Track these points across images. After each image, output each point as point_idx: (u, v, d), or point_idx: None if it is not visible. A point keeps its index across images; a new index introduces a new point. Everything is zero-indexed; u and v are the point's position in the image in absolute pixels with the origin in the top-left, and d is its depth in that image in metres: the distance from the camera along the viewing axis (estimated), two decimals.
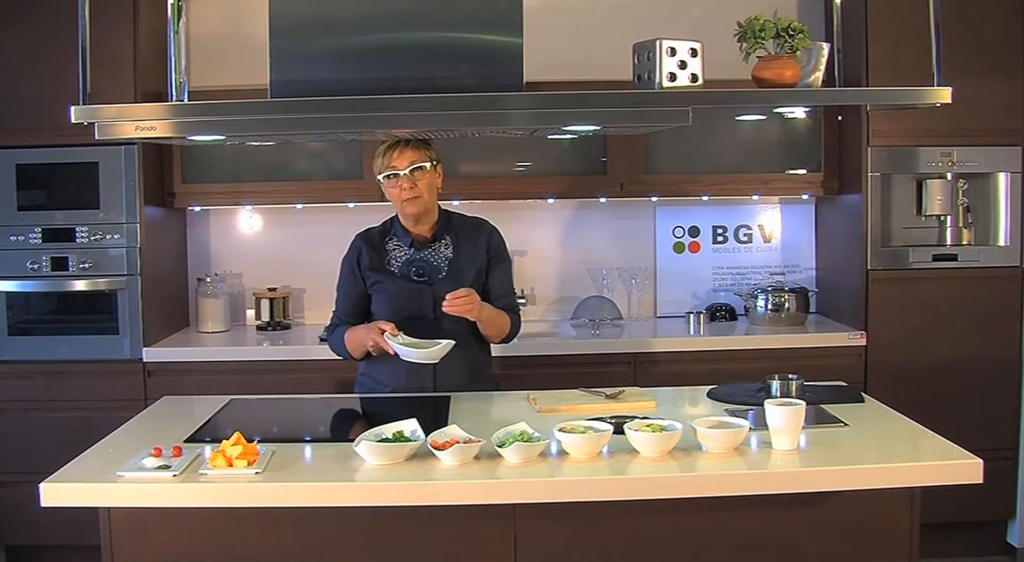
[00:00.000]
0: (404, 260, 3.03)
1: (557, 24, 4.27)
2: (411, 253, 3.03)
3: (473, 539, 2.31)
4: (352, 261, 3.05)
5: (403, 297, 2.98)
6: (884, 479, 2.25)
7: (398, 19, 2.62)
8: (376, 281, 3.01)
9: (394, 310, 2.96)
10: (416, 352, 2.79)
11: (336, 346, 3.06)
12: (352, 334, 2.97)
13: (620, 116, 2.62)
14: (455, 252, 3.04)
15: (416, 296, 2.98)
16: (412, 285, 2.99)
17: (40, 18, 3.82)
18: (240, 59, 3.90)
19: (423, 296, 2.98)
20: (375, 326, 2.86)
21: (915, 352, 3.98)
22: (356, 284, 3.04)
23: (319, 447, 2.48)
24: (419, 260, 3.02)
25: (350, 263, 3.06)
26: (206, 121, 2.57)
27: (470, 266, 3.03)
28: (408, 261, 3.02)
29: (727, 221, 4.54)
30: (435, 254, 3.04)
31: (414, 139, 2.92)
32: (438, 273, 3.01)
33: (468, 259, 3.04)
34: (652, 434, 2.29)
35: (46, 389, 3.91)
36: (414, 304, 2.97)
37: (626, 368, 3.89)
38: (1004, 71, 3.92)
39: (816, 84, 2.66)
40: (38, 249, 3.90)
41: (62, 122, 2.62)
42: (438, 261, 3.03)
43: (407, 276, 3.00)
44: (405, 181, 2.91)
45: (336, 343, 3.05)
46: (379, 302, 3.01)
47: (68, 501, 2.19)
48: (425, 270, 3.01)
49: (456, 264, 3.02)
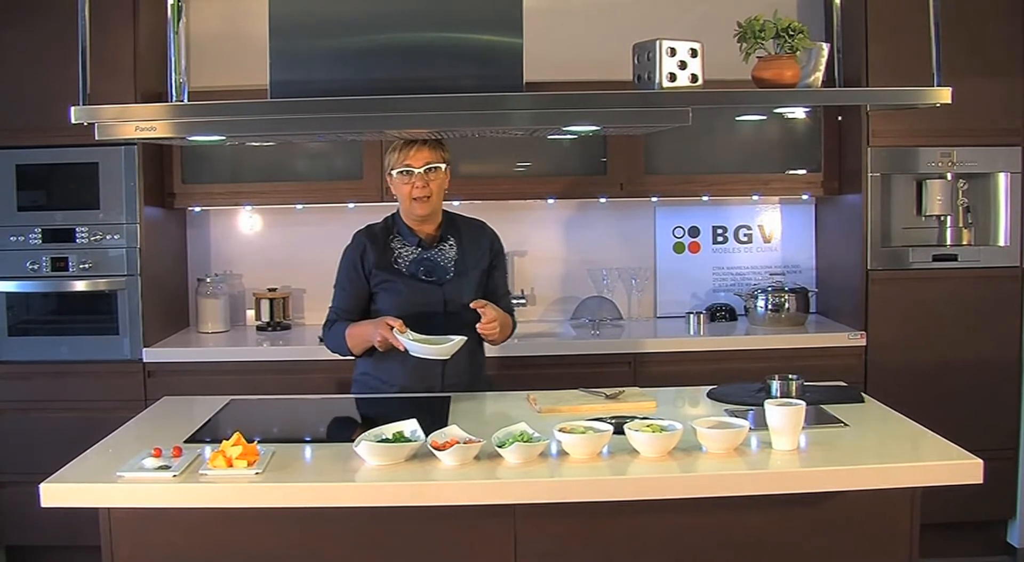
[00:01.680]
0: (412, 259, 3.02)
1: (557, 24, 4.27)
2: (418, 253, 3.02)
3: (473, 539, 2.31)
4: (355, 258, 3.03)
5: (413, 296, 2.97)
6: (884, 479, 2.25)
7: (398, 19, 2.62)
8: (384, 280, 2.99)
9: (404, 309, 2.93)
10: (429, 348, 2.78)
11: (335, 342, 3.03)
12: (355, 329, 2.96)
13: (620, 116, 2.62)
14: (459, 253, 3.05)
15: (426, 296, 2.98)
16: (422, 284, 2.99)
17: (40, 18, 3.82)
18: (240, 59, 3.90)
19: (433, 296, 2.98)
20: (383, 322, 2.84)
21: (915, 352, 3.98)
22: (358, 281, 3.02)
23: (319, 447, 2.48)
24: (426, 260, 3.02)
25: (352, 260, 3.04)
26: (206, 121, 2.57)
27: (475, 268, 3.05)
28: (416, 260, 3.01)
29: (727, 221, 4.54)
30: (441, 254, 3.04)
31: (431, 139, 2.93)
32: (446, 273, 3.01)
33: (473, 260, 3.05)
34: (652, 434, 2.29)
35: (46, 389, 3.91)
36: (424, 304, 2.96)
37: (626, 368, 3.89)
38: (1004, 71, 3.92)
39: (816, 84, 2.66)
40: (38, 249, 3.90)
41: (62, 122, 2.62)
42: (445, 261, 3.03)
43: (415, 275, 3.00)
44: (418, 179, 2.92)
45: (335, 339, 3.02)
46: (386, 300, 2.99)
47: (68, 501, 2.19)
48: (433, 270, 3.01)
49: (462, 265, 3.03)
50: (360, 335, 2.95)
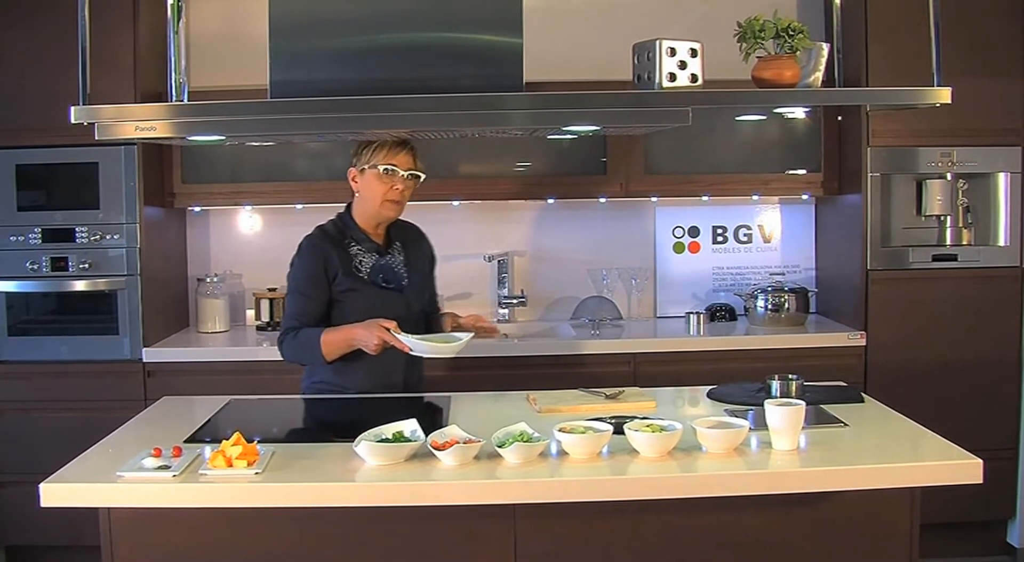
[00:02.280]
0: (371, 266, 2.99)
1: (557, 24, 4.27)
2: (375, 259, 3.00)
3: (473, 539, 2.31)
4: (317, 265, 2.93)
5: (378, 303, 2.93)
6: (884, 479, 2.25)
7: (398, 19, 2.62)
8: (348, 287, 2.94)
9: (369, 316, 2.85)
10: (441, 347, 2.78)
11: (301, 350, 2.92)
12: (333, 335, 2.87)
13: (620, 116, 2.62)
14: (406, 258, 3.07)
15: (388, 302, 2.95)
16: (384, 291, 2.98)
17: (40, 18, 3.82)
18: (240, 59, 3.90)
19: (396, 302, 2.97)
20: (377, 323, 2.79)
21: (915, 352, 3.98)
22: (322, 288, 2.94)
23: (319, 447, 2.47)
24: (384, 266, 3.00)
25: (314, 267, 2.93)
26: (206, 121, 2.57)
27: (420, 272, 3.11)
28: (375, 267, 2.99)
29: (727, 221, 4.54)
30: (394, 260, 3.04)
31: (414, 146, 2.95)
32: (401, 279, 3.02)
33: (418, 265, 3.10)
34: (652, 434, 2.29)
35: (46, 389, 3.91)
36: (388, 310, 2.89)
37: (626, 368, 3.89)
38: (1004, 71, 3.92)
39: (816, 84, 2.66)
40: (38, 249, 3.90)
41: (62, 122, 2.62)
42: (398, 267, 3.04)
43: (376, 282, 2.97)
44: (399, 182, 2.92)
45: (303, 347, 2.91)
46: (352, 308, 2.92)
47: (68, 501, 2.19)
48: (391, 277, 3.01)
49: (412, 270, 3.06)
50: (342, 340, 2.86)
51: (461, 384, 3.19)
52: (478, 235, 4.45)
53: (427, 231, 3.24)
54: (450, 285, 3.77)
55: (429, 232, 3.24)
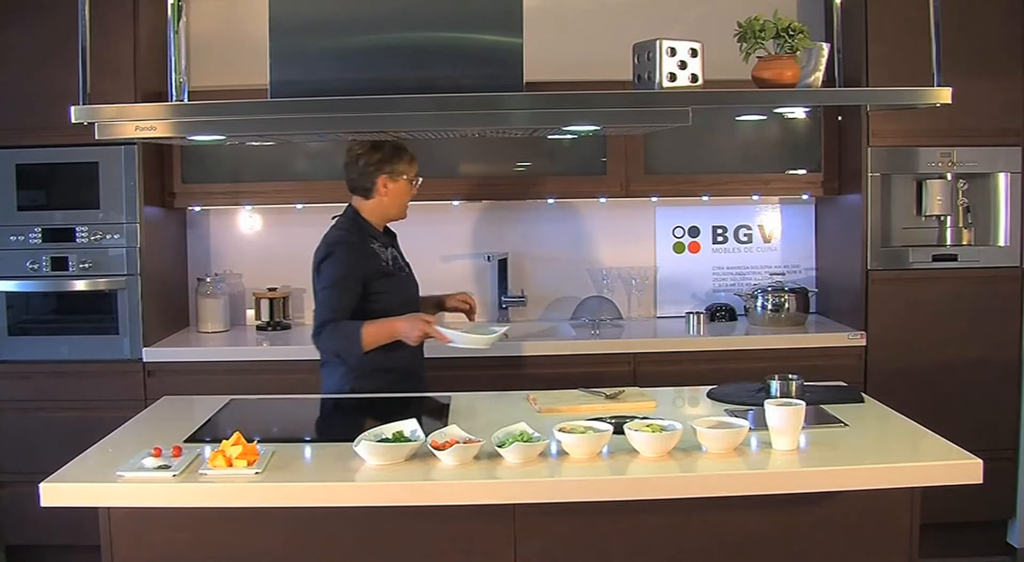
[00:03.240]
0: (392, 259, 3.17)
1: (557, 24, 4.26)
2: (390, 252, 3.19)
3: (473, 539, 2.31)
4: (358, 263, 3.06)
5: (407, 293, 3.18)
6: (884, 479, 2.25)
7: (398, 19, 2.62)
8: (385, 281, 3.09)
9: (407, 305, 3.09)
10: (480, 339, 2.91)
11: (342, 341, 2.99)
12: (375, 328, 2.96)
13: (620, 116, 2.63)
14: (397, 249, 3.28)
15: (412, 291, 3.22)
16: (409, 280, 3.22)
17: (40, 18, 3.82)
18: (240, 59, 3.91)
19: (415, 290, 3.24)
20: (419, 317, 2.95)
21: (915, 352, 3.98)
22: (359, 285, 3.05)
23: (319, 447, 2.48)
24: (396, 258, 3.21)
25: (355, 266, 3.05)
26: (206, 121, 2.57)
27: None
28: (395, 260, 3.19)
29: (727, 221, 4.54)
30: (395, 251, 3.25)
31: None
32: (407, 268, 3.26)
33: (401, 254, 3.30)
34: (652, 434, 2.29)
35: (46, 389, 3.91)
36: (414, 296, 3.21)
37: (626, 368, 3.89)
38: (1004, 71, 3.92)
39: (816, 84, 2.66)
40: (38, 249, 3.90)
41: (62, 122, 2.62)
42: (402, 258, 3.26)
43: (400, 273, 3.18)
44: (415, 189, 3.19)
45: (344, 338, 2.98)
46: (391, 299, 3.08)
47: (68, 501, 2.19)
48: (404, 267, 3.24)
49: (406, 259, 3.28)
50: (384, 332, 2.97)
51: (461, 384, 3.19)
52: (478, 235, 4.45)
53: (427, 231, 3.28)
54: (450, 285, 3.77)
55: (429, 232, 3.28)
